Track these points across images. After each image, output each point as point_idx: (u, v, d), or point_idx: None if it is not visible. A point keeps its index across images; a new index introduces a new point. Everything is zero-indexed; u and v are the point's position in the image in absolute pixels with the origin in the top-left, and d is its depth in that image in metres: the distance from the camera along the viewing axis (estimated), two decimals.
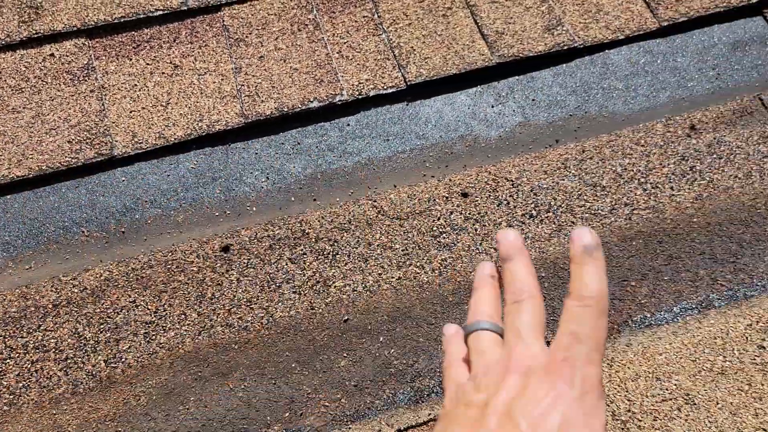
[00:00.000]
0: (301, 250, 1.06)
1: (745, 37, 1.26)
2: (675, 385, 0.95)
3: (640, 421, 0.93)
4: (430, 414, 0.93)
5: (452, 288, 1.03)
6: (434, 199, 1.10)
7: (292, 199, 1.12)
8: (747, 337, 0.97)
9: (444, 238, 1.07)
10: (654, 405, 0.93)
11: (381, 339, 0.99)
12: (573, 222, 1.07)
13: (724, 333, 0.98)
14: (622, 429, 0.92)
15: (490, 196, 1.10)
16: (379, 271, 1.04)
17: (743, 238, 1.04)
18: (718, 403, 0.93)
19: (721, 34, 1.27)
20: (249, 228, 1.08)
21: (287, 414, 0.95)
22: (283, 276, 1.04)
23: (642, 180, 1.11)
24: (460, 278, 1.03)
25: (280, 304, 1.02)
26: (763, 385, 0.94)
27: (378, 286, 1.03)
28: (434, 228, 1.08)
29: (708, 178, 1.10)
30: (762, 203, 1.07)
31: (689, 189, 1.09)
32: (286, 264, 1.05)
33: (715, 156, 1.12)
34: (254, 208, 1.12)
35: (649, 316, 1.00)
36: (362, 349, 0.98)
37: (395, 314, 1.01)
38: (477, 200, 1.10)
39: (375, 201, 1.10)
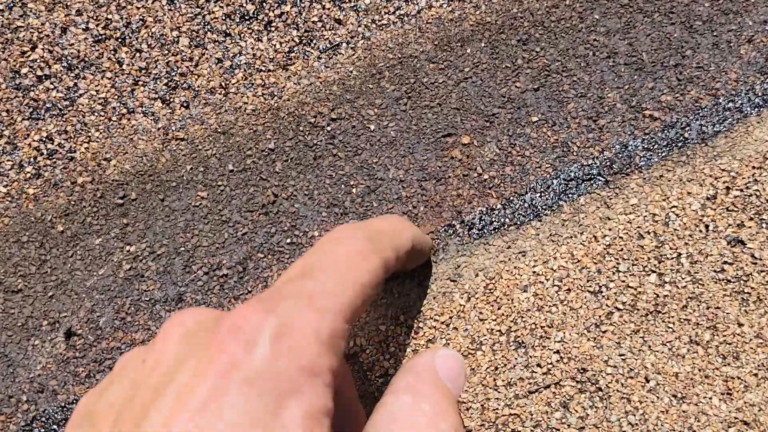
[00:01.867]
0: None
1: None
2: (557, 353, 0.43)
3: None
4: None
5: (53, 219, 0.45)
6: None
7: None
8: (707, 225, 0.45)
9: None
10: (514, 404, 0.42)
11: None
12: (338, 23, 0.48)
13: (660, 221, 0.45)
14: None
15: None
16: None
17: (699, 11, 0.48)
18: (647, 381, 0.42)
19: None
20: None
21: None
22: None
23: None
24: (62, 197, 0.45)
25: None
26: (742, 325, 0.43)
27: None
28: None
29: None
30: None
31: None
32: None
33: None
34: None
35: (500, 207, 0.46)
36: None
37: None
38: None
39: None
